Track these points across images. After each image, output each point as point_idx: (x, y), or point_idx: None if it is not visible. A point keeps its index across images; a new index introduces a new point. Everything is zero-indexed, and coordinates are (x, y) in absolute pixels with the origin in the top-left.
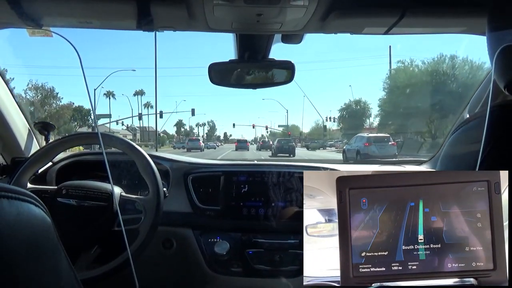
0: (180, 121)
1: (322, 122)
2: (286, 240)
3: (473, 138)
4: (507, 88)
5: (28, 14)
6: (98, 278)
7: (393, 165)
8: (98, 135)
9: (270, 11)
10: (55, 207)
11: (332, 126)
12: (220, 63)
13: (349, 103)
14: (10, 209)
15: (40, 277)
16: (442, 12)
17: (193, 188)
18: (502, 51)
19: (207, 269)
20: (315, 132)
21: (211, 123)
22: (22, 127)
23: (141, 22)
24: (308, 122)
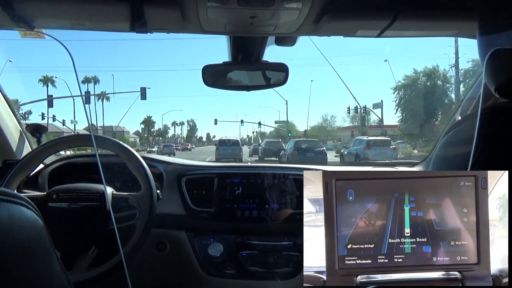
0: (149, 118)
1: (360, 111)
2: (280, 242)
3: (464, 140)
4: (498, 90)
5: (20, 16)
6: (91, 281)
7: (386, 166)
8: (91, 137)
9: (264, 14)
10: (47, 213)
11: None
12: (214, 65)
13: (414, 76)
14: (2, 211)
15: (32, 280)
16: (434, 15)
17: (187, 190)
18: (493, 54)
19: (201, 271)
20: (320, 131)
21: (191, 123)
22: (13, 129)
23: (134, 24)
24: (313, 118)
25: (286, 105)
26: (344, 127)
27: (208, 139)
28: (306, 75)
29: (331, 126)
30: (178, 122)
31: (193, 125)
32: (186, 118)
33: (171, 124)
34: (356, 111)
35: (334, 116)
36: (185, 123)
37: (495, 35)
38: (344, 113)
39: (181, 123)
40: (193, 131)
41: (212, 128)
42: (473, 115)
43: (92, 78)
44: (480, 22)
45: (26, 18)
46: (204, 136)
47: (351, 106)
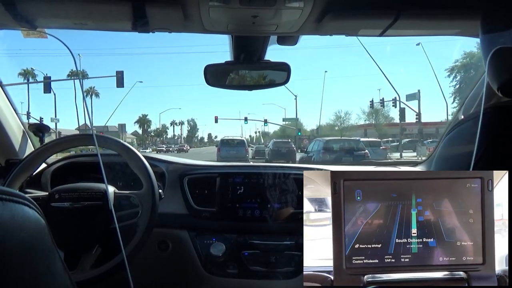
0: (144, 117)
1: (398, 103)
2: (282, 242)
3: (467, 139)
4: (501, 89)
5: (22, 16)
6: (94, 280)
7: (388, 166)
8: (93, 136)
9: (266, 13)
10: (50, 213)
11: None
12: (216, 65)
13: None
14: (4, 211)
15: (34, 279)
16: (436, 14)
17: (189, 189)
18: (495, 53)
19: (203, 270)
20: (330, 129)
21: (192, 122)
22: (16, 129)
23: (136, 23)
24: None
25: (295, 100)
26: (358, 125)
27: (209, 140)
28: (315, 68)
29: (345, 124)
30: (177, 121)
31: (193, 125)
32: (186, 118)
33: (170, 124)
34: (382, 104)
35: (348, 112)
36: (186, 122)
37: (498, 34)
38: (359, 109)
39: (181, 122)
40: (194, 131)
41: (214, 128)
42: (475, 114)
43: (79, 72)
44: (482, 21)
45: (28, 18)
46: (205, 136)
47: (374, 99)
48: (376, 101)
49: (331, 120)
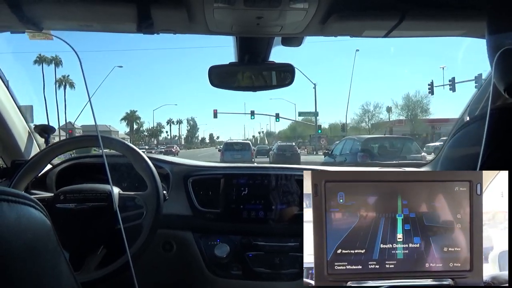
0: (133, 113)
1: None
2: (286, 243)
3: (473, 141)
4: (507, 91)
5: (28, 18)
6: (99, 281)
7: (393, 167)
8: (98, 137)
9: (270, 14)
10: (55, 214)
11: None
12: (220, 66)
13: None
14: (10, 212)
15: (39, 280)
16: (441, 15)
17: (193, 191)
18: (502, 54)
19: (207, 272)
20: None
21: (192, 121)
22: (22, 130)
23: (141, 25)
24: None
25: (314, 90)
26: (391, 121)
27: (211, 140)
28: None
29: (374, 119)
30: (175, 120)
31: (193, 124)
32: (185, 117)
33: (166, 122)
34: (431, 90)
35: (379, 105)
36: (185, 122)
37: (504, 35)
38: (390, 102)
39: (179, 121)
40: (194, 131)
41: (215, 128)
42: (481, 116)
43: (52, 58)
44: (488, 21)
45: (34, 20)
46: (207, 136)
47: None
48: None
49: (357, 115)
